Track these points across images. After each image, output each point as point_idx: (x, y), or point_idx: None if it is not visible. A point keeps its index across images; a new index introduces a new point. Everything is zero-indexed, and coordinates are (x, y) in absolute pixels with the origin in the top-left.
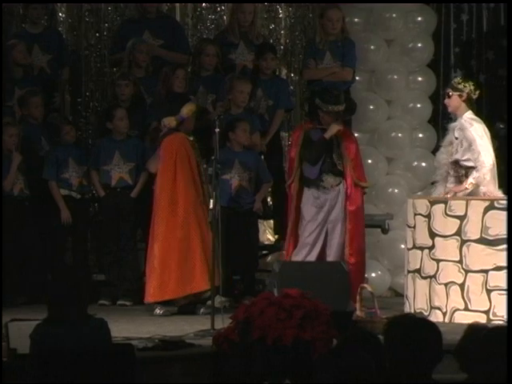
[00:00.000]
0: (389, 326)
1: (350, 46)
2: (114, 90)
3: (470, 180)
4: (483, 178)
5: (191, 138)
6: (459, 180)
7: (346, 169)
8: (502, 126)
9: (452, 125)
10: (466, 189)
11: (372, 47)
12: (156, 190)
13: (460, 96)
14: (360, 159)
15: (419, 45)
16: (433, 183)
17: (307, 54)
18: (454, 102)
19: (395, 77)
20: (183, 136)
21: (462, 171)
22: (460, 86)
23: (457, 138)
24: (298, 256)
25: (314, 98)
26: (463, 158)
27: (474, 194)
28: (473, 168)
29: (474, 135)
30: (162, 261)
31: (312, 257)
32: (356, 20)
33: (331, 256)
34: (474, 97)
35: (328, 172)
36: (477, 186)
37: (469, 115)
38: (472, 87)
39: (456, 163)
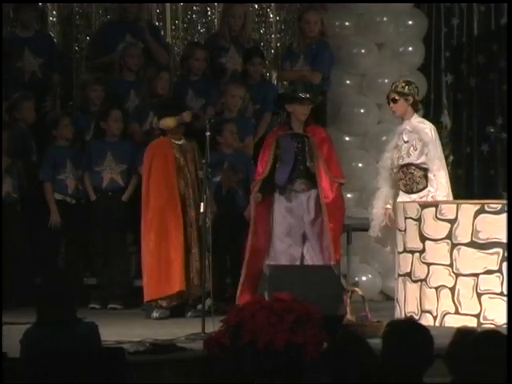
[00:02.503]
0: (387, 330)
1: (322, 48)
2: (85, 93)
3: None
4: (440, 183)
5: (180, 142)
6: (414, 181)
7: (320, 171)
8: (492, 129)
9: (399, 128)
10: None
11: (363, 51)
12: None
13: (406, 100)
14: (334, 156)
15: (410, 49)
16: None
17: (284, 57)
18: (401, 107)
19: (386, 80)
20: (167, 140)
21: (419, 173)
22: (405, 91)
23: (407, 142)
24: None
25: (287, 99)
26: (418, 162)
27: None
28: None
29: (431, 136)
30: (142, 263)
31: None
32: (347, 24)
33: (309, 260)
34: (418, 99)
35: (301, 177)
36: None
37: (417, 118)
38: (415, 89)
39: (408, 166)
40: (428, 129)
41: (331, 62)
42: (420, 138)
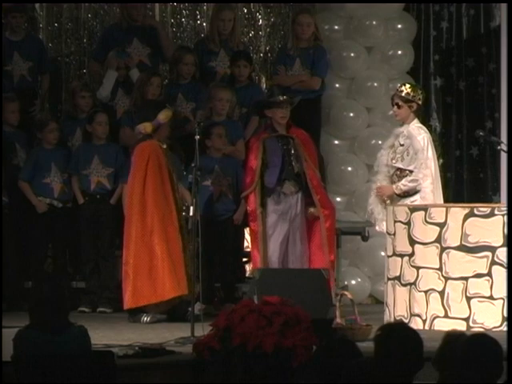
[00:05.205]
0: (378, 333)
1: (320, 54)
2: (74, 100)
3: (401, 185)
4: (425, 192)
5: (164, 146)
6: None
7: (310, 171)
8: (481, 133)
9: (397, 130)
10: (394, 193)
11: (352, 54)
12: (126, 196)
13: (410, 107)
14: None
15: (399, 52)
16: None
17: (278, 60)
18: (403, 113)
19: (375, 84)
20: (156, 143)
21: (410, 176)
22: (410, 97)
23: (402, 145)
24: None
25: (265, 105)
26: (408, 168)
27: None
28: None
29: (422, 144)
30: (134, 267)
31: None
32: (336, 27)
33: (294, 264)
34: (421, 103)
35: (290, 179)
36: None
37: (416, 124)
38: (421, 95)
39: (401, 170)
40: (421, 137)
41: (328, 68)
42: (412, 145)
